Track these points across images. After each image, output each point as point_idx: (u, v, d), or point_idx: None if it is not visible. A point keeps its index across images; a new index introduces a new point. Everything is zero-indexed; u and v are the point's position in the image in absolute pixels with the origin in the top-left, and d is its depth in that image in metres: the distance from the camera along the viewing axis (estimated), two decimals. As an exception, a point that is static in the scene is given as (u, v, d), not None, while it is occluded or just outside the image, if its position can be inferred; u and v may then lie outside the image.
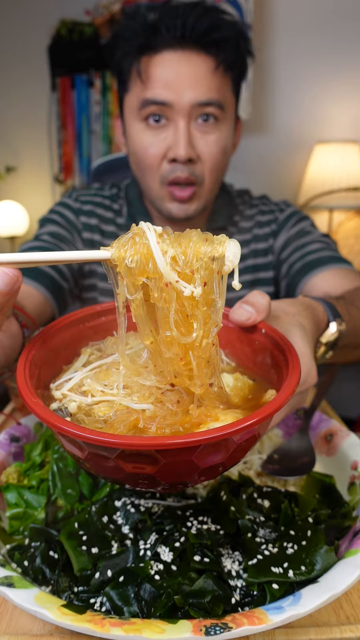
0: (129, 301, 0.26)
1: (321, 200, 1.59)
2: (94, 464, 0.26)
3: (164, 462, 0.24)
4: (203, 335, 0.25)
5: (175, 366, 0.26)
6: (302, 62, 1.70)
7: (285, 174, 1.80)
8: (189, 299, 0.25)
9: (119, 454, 0.24)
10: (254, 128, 1.74)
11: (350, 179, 1.57)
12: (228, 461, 0.26)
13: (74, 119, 2.04)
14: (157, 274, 0.25)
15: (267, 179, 1.78)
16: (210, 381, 0.26)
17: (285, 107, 1.76)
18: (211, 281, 0.25)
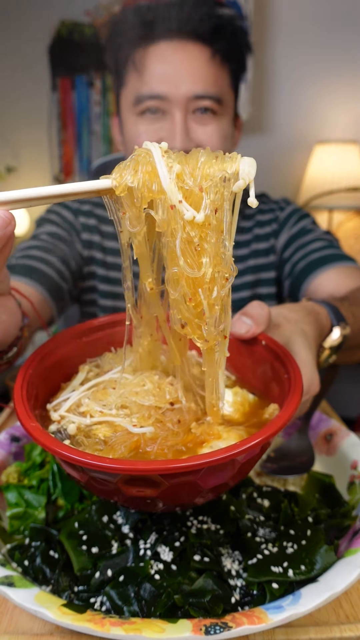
0: (132, 240, 0.23)
1: (321, 200, 1.59)
2: (95, 488, 0.25)
3: (168, 485, 0.23)
4: (214, 269, 0.22)
5: (183, 311, 0.23)
6: (302, 63, 1.70)
7: (285, 174, 1.80)
8: (197, 227, 0.21)
9: (120, 478, 0.23)
10: (254, 128, 1.75)
11: (350, 179, 1.57)
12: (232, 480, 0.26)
13: (74, 119, 2.04)
14: (161, 194, 0.21)
15: (267, 179, 1.78)
16: (221, 327, 0.23)
17: (285, 107, 1.77)
18: (222, 206, 0.21)
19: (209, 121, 0.62)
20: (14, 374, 0.56)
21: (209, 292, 0.23)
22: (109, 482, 0.23)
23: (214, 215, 0.22)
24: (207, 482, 0.24)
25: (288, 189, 1.78)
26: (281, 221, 0.74)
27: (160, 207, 0.22)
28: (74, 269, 0.70)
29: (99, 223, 0.73)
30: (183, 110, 0.60)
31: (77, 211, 0.73)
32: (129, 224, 0.23)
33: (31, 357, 0.30)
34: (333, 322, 0.45)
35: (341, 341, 0.45)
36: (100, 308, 0.74)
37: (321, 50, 1.68)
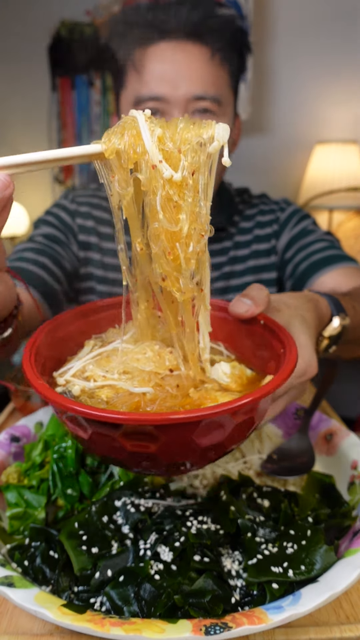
0: (122, 201, 0.26)
1: (321, 200, 1.59)
2: (97, 444, 0.26)
3: (164, 440, 0.24)
4: (190, 226, 0.24)
5: (164, 264, 0.25)
6: (302, 62, 1.70)
7: (285, 174, 1.80)
8: (176, 186, 0.24)
9: (121, 432, 0.24)
10: (254, 128, 1.75)
11: (350, 179, 1.57)
12: (227, 442, 0.26)
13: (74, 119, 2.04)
14: (144, 154, 0.24)
15: (267, 179, 1.78)
16: (197, 279, 0.26)
17: (285, 107, 1.77)
18: (199, 168, 0.24)
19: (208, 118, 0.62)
20: (14, 374, 0.56)
21: (186, 246, 0.25)
22: (109, 436, 0.24)
23: (191, 176, 0.24)
24: (201, 440, 0.25)
25: (288, 189, 1.78)
26: (282, 222, 0.74)
27: (143, 166, 0.25)
28: (68, 270, 0.70)
29: (96, 224, 0.73)
30: (182, 111, 0.60)
31: (75, 213, 0.73)
32: (118, 185, 0.26)
33: (38, 330, 0.31)
34: (333, 312, 0.45)
35: (340, 331, 0.45)
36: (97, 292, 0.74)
37: (321, 50, 1.68)
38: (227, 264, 0.74)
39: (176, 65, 0.59)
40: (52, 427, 0.43)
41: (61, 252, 0.70)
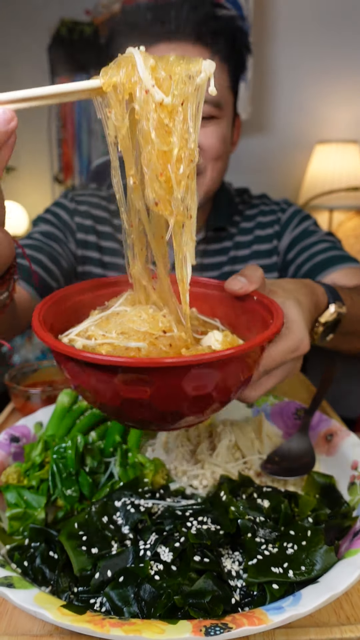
0: (117, 134, 0.28)
1: (321, 200, 1.59)
2: (95, 391, 0.28)
3: (157, 385, 0.26)
4: (180, 151, 0.27)
5: (156, 188, 0.28)
6: (302, 62, 1.70)
7: (286, 174, 1.80)
8: (167, 111, 0.27)
9: (117, 376, 0.26)
10: (254, 128, 1.74)
11: (351, 178, 1.57)
12: (216, 392, 0.28)
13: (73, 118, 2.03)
14: (139, 82, 0.27)
15: (267, 179, 1.77)
16: (185, 204, 0.28)
17: (285, 107, 1.76)
18: (188, 98, 0.27)
19: (208, 124, 0.62)
20: (14, 374, 0.56)
21: (176, 169, 0.27)
22: (106, 382, 0.27)
23: (181, 106, 0.27)
24: (191, 387, 0.27)
25: (288, 188, 1.78)
26: (283, 223, 0.74)
27: (138, 92, 0.27)
28: (65, 268, 0.70)
29: (95, 223, 0.73)
30: None
31: (74, 212, 0.73)
32: (115, 118, 0.28)
33: (47, 298, 0.34)
34: (329, 300, 0.46)
35: (337, 318, 0.46)
36: None
37: (321, 49, 1.68)
38: (227, 264, 0.74)
39: None
40: (51, 427, 0.43)
41: (58, 249, 0.70)
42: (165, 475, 0.39)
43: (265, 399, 0.50)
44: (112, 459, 0.40)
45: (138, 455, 0.40)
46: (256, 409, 0.50)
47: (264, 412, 0.49)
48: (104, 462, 0.39)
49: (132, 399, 0.27)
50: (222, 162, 0.66)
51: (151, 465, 0.38)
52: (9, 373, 0.55)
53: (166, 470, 0.39)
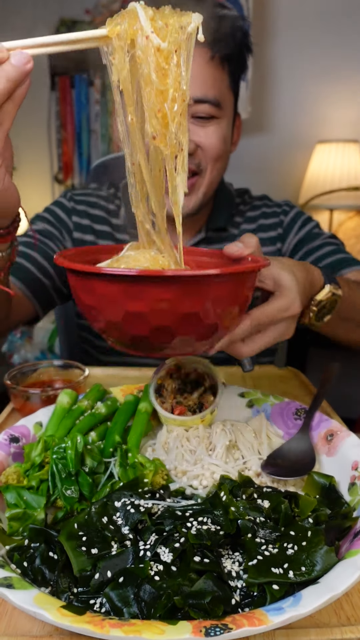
0: (119, 77, 0.33)
1: (322, 199, 1.59)
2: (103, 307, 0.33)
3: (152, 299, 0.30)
4: (175, 92, 0.32)
5: (154, 123, 0.32)
6: (302, 61, 1.70)
7: (286, 174, 1.80)
8: (163, 56, 0.31)
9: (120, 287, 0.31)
10: (254, 128, 1.74)
11: (351, 178, 1.57)
12: (203, 314, 0.32)
13: (73, 118, 2.03)
14: (140, 29, 0.31)
15: (268, 178, 1.77)
16: (178, 140, 0.33)
17: (286, 106, 1.76)
18: (180, 45, 0.32)
19: (208, 123, 0.62)
20: (13, 374, 0.56)
21: (171, 107, 0.32)
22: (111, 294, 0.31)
23: (175, 53, 0.32)
24: (181, 304, 0.31)
25: (288, 188, 1.78)
26: (286, 225, 0.74)
27: (139, 39, 0.31)
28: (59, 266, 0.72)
29: (92, 223, 0.73)
30: None
31: (72, 211, 0.73)
32: (117, 61, 0.32)
33: (73, 249, 0.42)
34: (325, 280, 0.49)
35: (332, 298, 0.49)
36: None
37: (321, 49, 1.67)
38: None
39: None
40: (51, 427, 0.43)
41: (53, 247, 0.70)
42: (165, 475, 0.39)
43: (265, 399, 0.50)
44: (112, 459, 0.40)
45: (138, 456, 0.40)
46: (256, 409, 0.50)
47: (264, 412, 0.49)
48: (104, 463, 0.39)
49: (130, 312, 0.31)
50: (222, 162, 0.66)
51: (151, 465, 0.38)
52: (9, 373, 0.55)
53: (166, 471, 0.39)
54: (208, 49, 0.60)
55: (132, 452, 0.40)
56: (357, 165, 1.55)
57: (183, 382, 0.47)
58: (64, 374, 0.58)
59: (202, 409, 0.45)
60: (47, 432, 0.42)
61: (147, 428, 0.45)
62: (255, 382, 0.64)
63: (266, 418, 0.47)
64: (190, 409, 0.45)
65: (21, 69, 0.31)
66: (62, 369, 0.59)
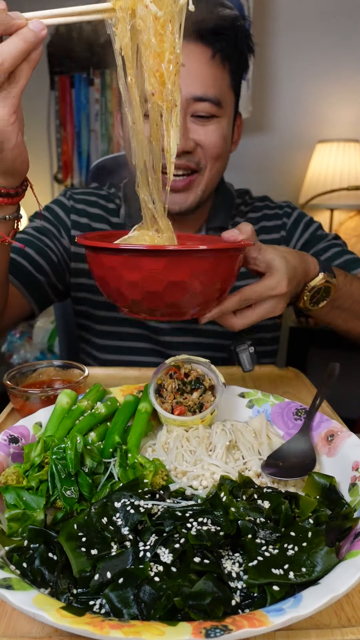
0: (121, 44, 0.38)
1: (322, 199, 1.59)
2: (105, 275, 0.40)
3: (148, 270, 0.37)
4: (169, 55, 0.37)
5: (153, 82, 0.38)
6: (303, 61, 1.70)
7: (286, 173, 1.79)
8: (160, 24, 0.37)
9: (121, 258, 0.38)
10: (255, 127, 1.74)
11: (352, 178, 1.57)
12: (187, 284, 0.38)
13: (73, 117, 2.03)
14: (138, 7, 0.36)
15: (268, 178, 1.77)
16: (173, 97, 0.38)
17: (286, 106, 1.76)
18: (174, 16, 0.37)
19: (208, 122, 0.62)
20: (12, 375, 0.56)
21: (167, 67, 0.38)
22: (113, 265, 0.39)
23: (169, 22, 0.37)
24: (169, 273, 0.37)
25: (289, 188, 1.77)
26: (289, 228, 0.75)
27: (139, 10, 0.36)
28: (55, 262, 0.71)
29: (91, 221, 0.73)
30: (182, 112, 0.60)
31: (70, 209, 0.74)
32: (120, 29, 0.37)
33: (95, 233, 0.51)
34: (320, 269, 0.53)
35: (325, 285, 0.53)
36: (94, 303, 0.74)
37: (322, 48, 1.67)
38: None
39: None
40: (51, 427, 0.43)
41: (49, 243, 0.70)
42: (165, 476, 0.39)
43: (265, 399, 0.50)
44: (111, 460, 0.40)
45: (138, 456, 0.39)
46: (256, 409, 0.50)
47: (265, 412, 0.49)
48: (104, 463, 0.39)
49: (127, 280, 0.38)
50: (221, 161, 0.66)
51: (151, 466, 0.38)
52: (8, 373, 0.55)
53: (166, 471, 0.39)
54: (209, 48, 0.59)
55: (131, 452, 0.40)
56: (357, 165, 1.55)
57: (183, 382, 0.46)
58: (63, 374, 0.58)
59: (202, 409, 0.44)
60: (47, 433, 0.42)
61: (147, 428, 0.45)
62: (256, 382, 0.64)
63: (266, 418, 0.47)
64: (190, 409, 0.45)
65: (37, 34, 0.36)
66: (62, 369, 0.58)
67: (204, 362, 0.48)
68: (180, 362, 0.47)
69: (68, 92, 1.94)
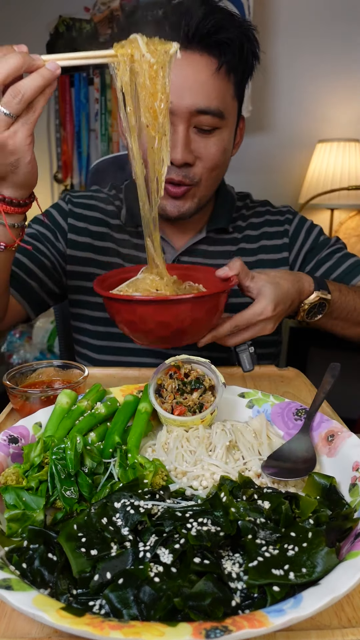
0: (122, 84, 0.46)
1: (322, 199, 1.58)
2: (112, 313, 0.52)
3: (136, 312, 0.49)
4: (160, 95, 0.46)
5: (147, 117, 0.46)
6: (303, 60, 1.69)
7: (286, 173, 1.79)
8: (153, 70, 0.45)
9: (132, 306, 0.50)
10: (255, 127, 1.74)
11: (352, 177, 1.57)
12: (172, 322, 0.48)
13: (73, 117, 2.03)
14: (138, 48, 0.45)
15: (268, 178, 1.77)
16: (163, 127, 0.47)
17: (286, 105, 1.76)
18: (165, 63, 0.46)
19: (209, 135, 0.62)
20: (12, 374, 0.56)
21: (159, 105, 0.46)
22: (115, 308, 0.52)
23: (161, 69, 0.46)
24: (156, 315, 0.48)
25: (289, 187, 1.77)
26: (291, 235, 0.75)
27: (137, 56, 0.45)
28: (49, 267, 0.72)
29: (88, 225, 0.74)
30: (185, 123, 0.60)
31: (69, 213, 0.74)
32: (121, 71, 0.46)
33: (110, 272, 0.59)
34: (315, 288, 0.60)
35: (319, 301, 0.60)
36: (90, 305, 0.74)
37: (322, 48, 1.67)
38: None
39: (182, 75, 0.58)
40: (51, 428, 0.42)
41: (42, 248, 0.71)
42: (165, 476, 0.38)
43: (265, 400, 0.50)
44: (111, 460, 0.40)
45: (138, 456, 0.39)
46: (256, 409, 0.50)
47: (265, 412, 0.49)
48: (104, 463, 0.39)
49: (126, 319, 0.50)
50: (219, 171, 0.66)
51: (151, 466, 0.38)
52: (8, 373, 0.55)
53: (166, 471, 0.39)
54: (215, 60, 0.59)
55: (131, 452, 0.40)
56: (357, 165, 1.55)
57: (183, 382, 0.46)
58: (63, 374, 0.58)
59: (202, 410, 0.44)
60: (47, 433, 0.42)
61: (147, 428, 0.45)
62: (256, 382, 0.64)
63: (266, 418, 0.47)
64: (190, 410, 0.44)
65: (53, 72, 0.44)
66: (62, 369, 0.58)
67: (204, 362, 0.47)
68: (180, 362, 0.47)
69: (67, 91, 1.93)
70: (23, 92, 0.42)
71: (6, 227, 0.49)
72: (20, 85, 0.42)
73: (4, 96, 0.43)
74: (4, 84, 0.42)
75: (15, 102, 0.42)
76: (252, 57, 0.64)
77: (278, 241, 0.75)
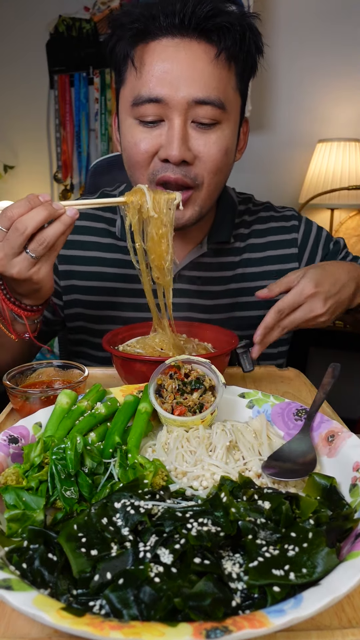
0: (132, 224, 0.56)
1: (322, 198, 1.58)
2: (119, 366, 0.58)
3: (135, 368, 0.55)
4: (163, 236, 0.56)
5: (156, 271, 0.57)
6: (303, 60, 1.69)
7: (287, 173, 1.79)
8: (160, 222, 0.56)
9: (121, 360, 0.56)
10: (255, 126, 1.74)
11: (352, 177, 1.57)
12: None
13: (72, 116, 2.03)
14: (145, 204, 0.55)
15: (268, 177, 1.77)
16: (168, 267, 0.57)
17: (286, 105, 1.76)
18: (169, 221, 0.56)
19: (209, 130, 0.58)
20: (12, 375, 0.56)
21: (164, 250, 0.57)
22: (120, 363, 0.57)
23: (163, 225, 0.56)
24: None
25: (289, 187, 1.77)
26: (300, 244, 0.74)
27: (145, 208, 0.55)
28: (58, 304, 0.74)
29: (79, 235, 0.72)
30: (182, 117, 0.56)
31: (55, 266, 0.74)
32: (131, 216, 0.56)
33: (113, 332, 0.63)
34: None
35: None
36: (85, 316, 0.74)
37: (323, 47, 1.67)
38: (235, 281, 0.72)
39: (178, 64, 0.55)
40: (51, 428, 0.42)
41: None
42: (165, 476, 0.38)
43: (266, 400, 0.50)
44: (111, 460, 0.40)
45: (138, 457, 0.39)
46: (257, 409, 0.50)
47: (265, 412, 0.49)
48: (104, 463, 0.39)
49: (130, 372, 0.56)
50: (222, 175, 0.62)
51: (151, 466, 0.38)
52: (8, 373, 0.55)
53: (166, 472, 0.39)
54: (213, 46, 0.55)
55: (132, 452, 0.40)
56: (358, 164, 1.55)
57: (183, 382, 0.46)
58: (63, 374, 0.58)
59: (202, 410, 0.44)
60: (47, 433, 0.42)
61: (147, 429, 0.45)
62: (256, 383, 0.64)
63: (267, 418, 0.47)
64: (191, 410, 0.44)
65: (72, 218, 0.51)
66: (62, 369, 0.58)
67: (204, 362, 0.47)
68: (181, 362, 0.47)
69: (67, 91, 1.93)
70: (48, 240, 0.49)
71: (27, 326, 0.58)
72: (45, 234, 0.49)
73: (31, 244, 0.49)
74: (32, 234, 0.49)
75: (41, 248, 0.49)
76: (254, 49, 0.58)
77: (286, 250, 0.73)
